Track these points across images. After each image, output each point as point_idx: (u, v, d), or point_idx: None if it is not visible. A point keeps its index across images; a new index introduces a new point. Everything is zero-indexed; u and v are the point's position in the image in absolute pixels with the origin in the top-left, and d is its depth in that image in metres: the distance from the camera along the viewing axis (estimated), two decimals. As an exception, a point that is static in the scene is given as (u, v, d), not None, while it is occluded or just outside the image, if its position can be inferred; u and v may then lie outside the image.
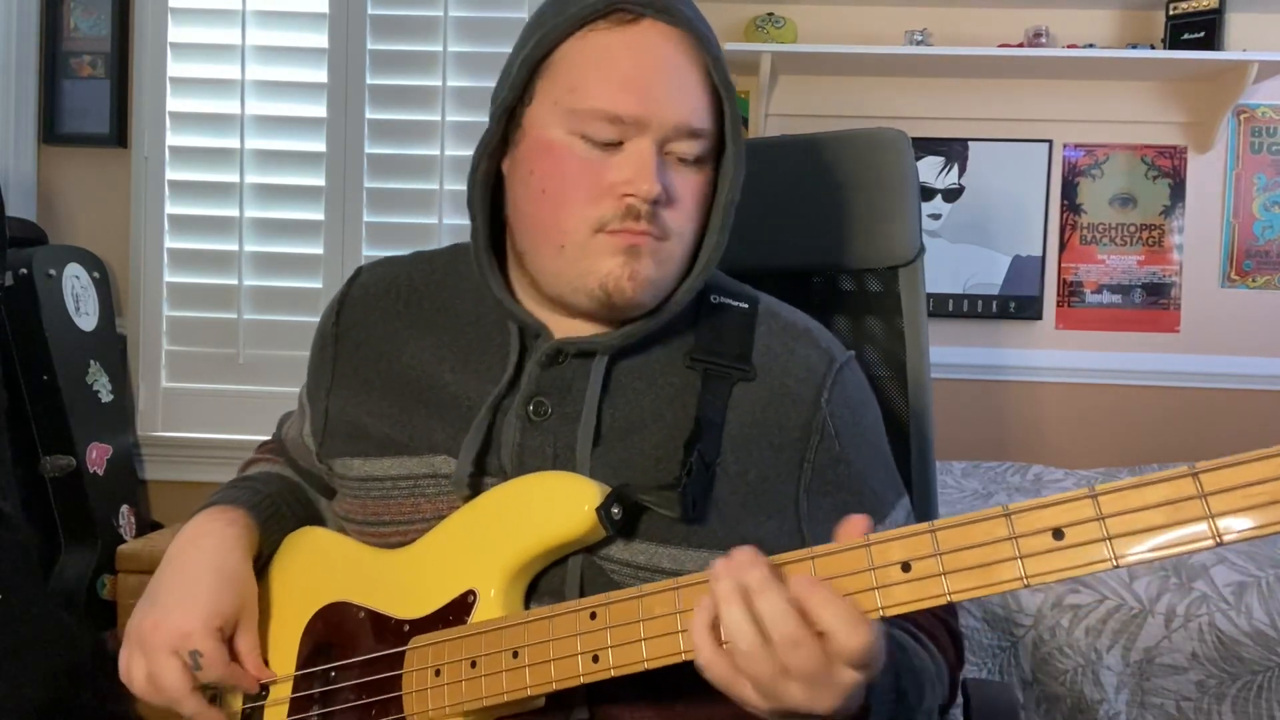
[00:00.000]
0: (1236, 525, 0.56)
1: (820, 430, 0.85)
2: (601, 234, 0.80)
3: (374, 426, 0.89)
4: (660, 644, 0.70)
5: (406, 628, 0.82)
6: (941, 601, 0.63)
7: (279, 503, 0.95)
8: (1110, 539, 0.58)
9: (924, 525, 0.63)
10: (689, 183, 0.82)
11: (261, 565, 0.94)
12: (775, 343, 0.88)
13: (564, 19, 0.80)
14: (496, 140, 0.84)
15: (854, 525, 0.66)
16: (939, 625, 0.88)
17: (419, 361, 0.89)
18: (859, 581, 0.64)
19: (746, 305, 0.90)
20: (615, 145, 0.79)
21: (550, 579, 0.81)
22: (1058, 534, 0.60)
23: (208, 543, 0.87)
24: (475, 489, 0.83)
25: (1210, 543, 0.56)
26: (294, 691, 0.86)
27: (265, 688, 0.88)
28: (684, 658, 0.69)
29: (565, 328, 0.86)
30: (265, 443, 1.10)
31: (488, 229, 0.86)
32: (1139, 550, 0.58)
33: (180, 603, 0.83)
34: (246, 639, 0.86)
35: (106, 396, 2.44)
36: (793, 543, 0.83)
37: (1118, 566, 0.58)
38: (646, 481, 0.80)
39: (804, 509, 0.84)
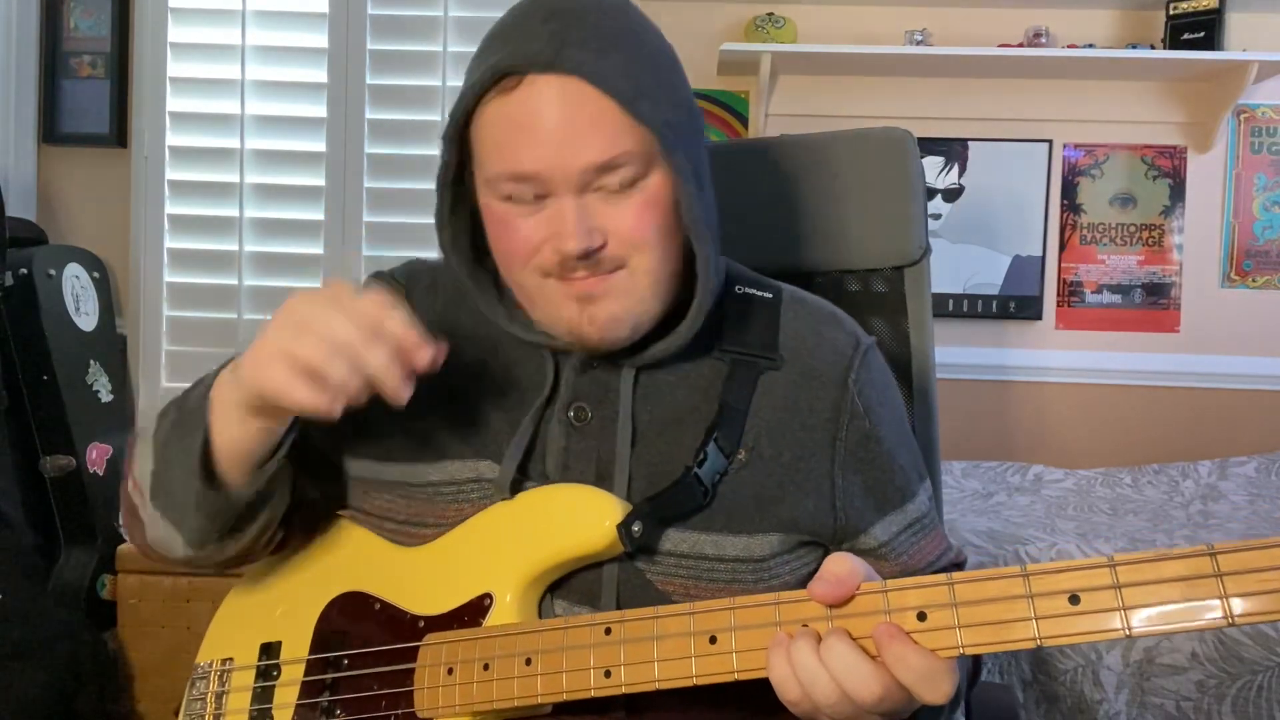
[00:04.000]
0: (1249, 607, 0.57)
1: (850, 409, 0.87)
2: (550, 279, 0.81)
3: (415, 430, 0.89)
4: (673, 666, 0.70)
5: (421, 624, 0.83)
6: (954, 654, 0.63)
7: None
8: (1125, 609, 0.59)
9: (941, 577, 0.64)
10: (627, 210, 0.79)
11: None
12: (803, 327, 0.90)
13: (466, 92, 0.79)
14: (449, 206, 0.85)
15: (840, 565, 0.67)
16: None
17: (459, 368, 0.89)
18: (873, 624, 0.65)
19: (771, 295, 0.91)
20: (541, 200, 0.79)
21: (584, 579, 0.82)
22: (1074, 599, 0.60)
23: (236, 366, 0.82)
24: (516, 493, 0.84)
25: (1223, 621, 0.57)
26: (306, 675, 0.87)
27: (277, 668, 0.88)
28: (695, 681, 0.70)
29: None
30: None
31: (488, 274, 0.88)
32: (1152, 623, 0.59)
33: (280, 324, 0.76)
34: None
35: (106, 396, 2.44)
36: (828, 520, 0.85)
37: (1130, 636, 0.59)
38: (680, 474, 0.82)
39: (839, 486, 0.86)
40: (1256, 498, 2.27)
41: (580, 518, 0.80)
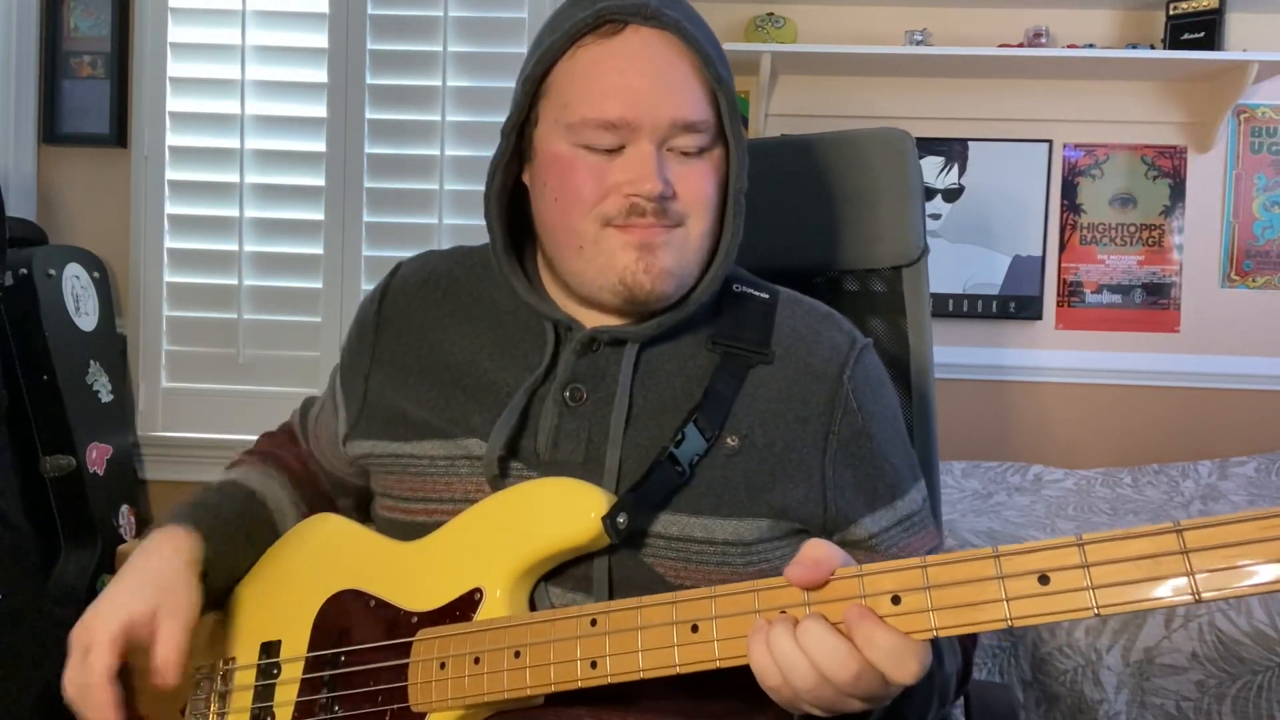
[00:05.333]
0: (1216, 583, 0.57)
1: (844, 404, 0.89)
2: (610, 228, 0.84)
3: (412, 411, 0.92)
4: (656, 655, 0.71)
5: (415, 619, 0.84)
6: (928, 636, 0.64)
7: (235, 532, 0.96)
8: (1094, 588, 0.60)
9: (915, 560, 0.65)
10: (695, 172, 0.85)
11: (275, 549, 0.97)
12: (800, 324, 0.92)
13: (558, 36, 0.84)
14: (508, 156, 0.89)
15: (816, 549, 0.68)
16: None
17: (458, 349, 0.93)
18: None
19: (767, 296, 0.94)
20: (616, 150, 0.83)
21: (578, 566, 0.83)
22: (1043, 579, 0.61)
23: (144, 549, 0.90)
24: (504, 471, 0.86)
25: (1189, 599, 0.58)
26: (305, 672, 0.88)
27: (277, 666, 0.89)
28: (679, 670, 0.70)
29: (596, 320, 0.90)
30: (270, 434, 1.12)
31: (507, 236, 0.91)
32: (1120, 600, 0.59)
33: (96, 604, 0.85)
34: (166, 629, 0.84)
35: (106, 396, 2.44)
36: (818, 510, 0.87)
37: (1099, 614, 0.60)
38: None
39: (829, 478, 0.87)
40: (1256, 498, 2.27)
41: (565, 511, 0.81)
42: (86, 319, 2.42)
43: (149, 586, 0.86)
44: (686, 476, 0.83)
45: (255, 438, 1.11)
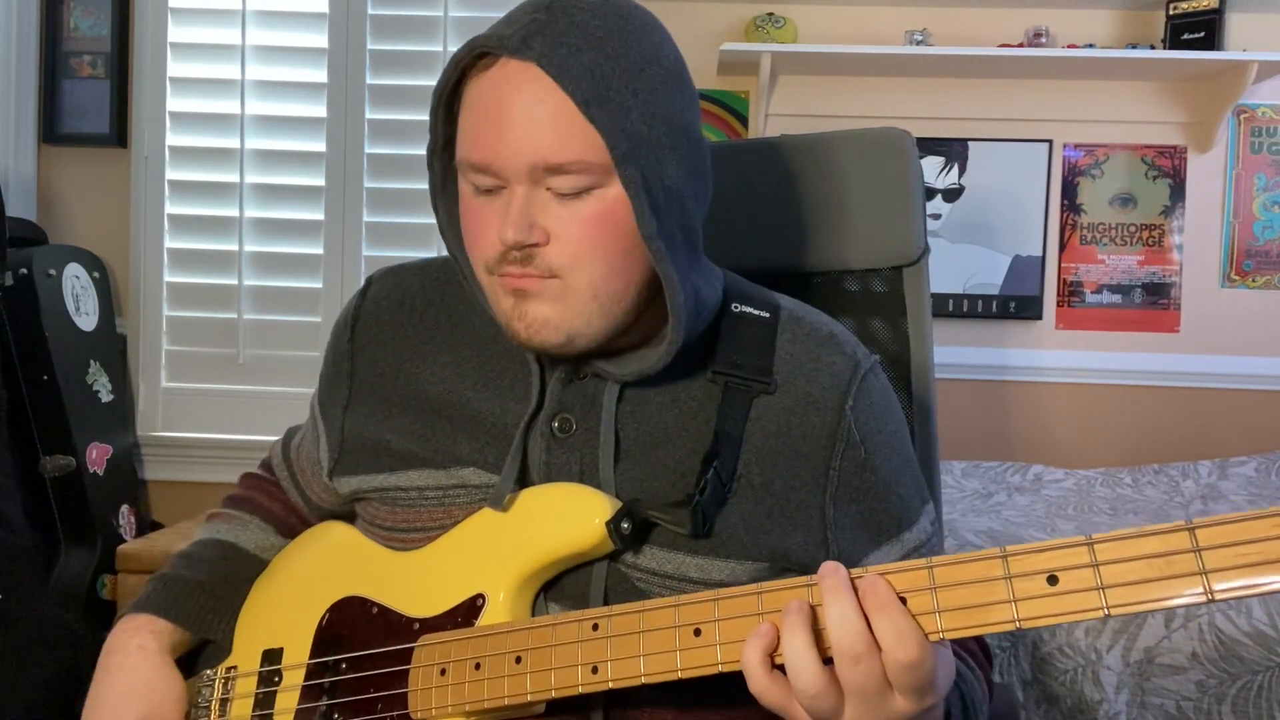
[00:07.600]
0: (1229, 583, 0.56)
1: (845, 438, 0.84)
2: (494, 275, 0.80)
3: (396, 442, 0.89)
4: (658, 660, 0.70)
5: (416, 626, 0.83)
6: (935, 638, 0.63)
7: (209, 593, 0.95)
8: (1104, 588, 0.58)
9: (921, 561, 0.64)
10: (575, 216, 0.76)
11: (279, 558, 0.97)
12: (799, 350, 0.87)
13: (450, 69, 0.79)
14: (440, 185, 0.84)
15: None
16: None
17: (439, 379, 0.89)
18: None
19: (768, 314, 0.88)
20: (497, 191, 0.78)
21: (575, 584, 0.82)
22: (1052, 579, 0.60)
23: (113, 661, 0.90)
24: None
25: (1202, 598, 0.56)
26: (306, 679, 0.87)
27: (278, 674, 0.89)
28: (680, 675, 0.69)
29: None
30: (249, 475, 1.09)
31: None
32: (1131, 600, 0.58)
33: None
34: None
35: (106, 396, 2.44)
36: (819, 552, 0.83)
37: (1109, 616, 0.59)
38: (671, 495, 0.81)
39: (830, 517, 0.84)
40: (1257, 498, 2.27)
41: (570, 516, 0.80)
42: (86, 319, 2.42)
43: (132, 703, 0.87)
44: (709, 529, 0.80)
45: (254, 438, 1.10)
